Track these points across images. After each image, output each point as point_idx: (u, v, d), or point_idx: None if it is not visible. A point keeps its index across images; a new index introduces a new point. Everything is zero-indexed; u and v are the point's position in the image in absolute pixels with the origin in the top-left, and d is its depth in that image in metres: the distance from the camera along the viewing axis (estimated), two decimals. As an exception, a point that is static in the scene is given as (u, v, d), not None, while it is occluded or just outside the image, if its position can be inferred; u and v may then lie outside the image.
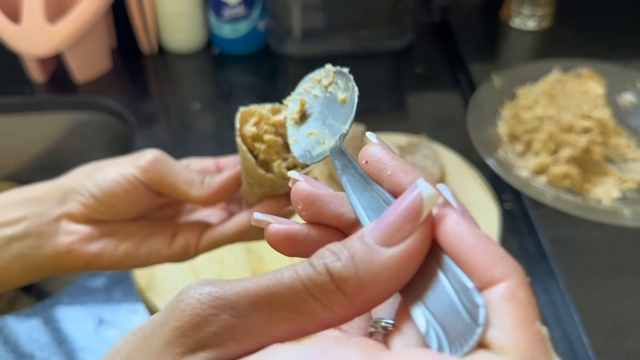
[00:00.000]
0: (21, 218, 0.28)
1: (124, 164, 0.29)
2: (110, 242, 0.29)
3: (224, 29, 0.63)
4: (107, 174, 0.28)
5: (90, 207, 0.28)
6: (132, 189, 0.28)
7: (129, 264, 0.29)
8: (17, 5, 0.56)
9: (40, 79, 0.61)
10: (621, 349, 0.36)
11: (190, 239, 0.29)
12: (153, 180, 0.28)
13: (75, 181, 0.29)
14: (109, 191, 0.28)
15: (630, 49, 0.62)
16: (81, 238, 0.28)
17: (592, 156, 0.46)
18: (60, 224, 0.28)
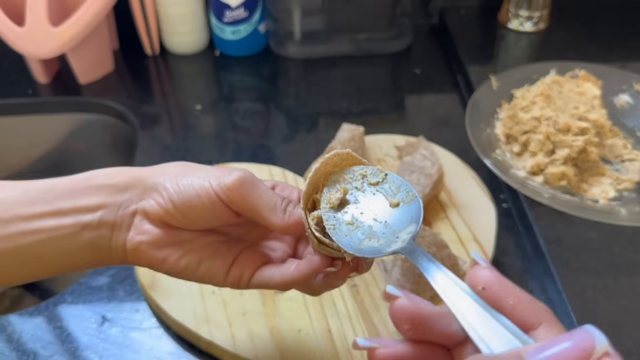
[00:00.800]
0: (98, 206, 0.28)
1: (211, 177, 0.28)
2: (175, 252, 0.28)
3: (225, 31, 0.64)
4: (191, 183, 0.28)
5: (166, 211, 0.27)
6: (211, 206, 0.27)
7: (186, 276, 0.29)
8: (20, 8, 0.57)
9: (43, 80, 0.62)
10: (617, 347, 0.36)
11: (245, 273, 0.29)
12: (235, 202, 0.27)
13: (159, 179, 0.28)
14: (188, 202, 0.27)
15: (627, 51, 0.63)
16: (149, 240, 0.28)
17: (588, 157, 0.47)
18: (134, 219, 0.28)
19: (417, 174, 0.45)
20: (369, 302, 0.39)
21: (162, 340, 0.39)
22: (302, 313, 0.39)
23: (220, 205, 0.27)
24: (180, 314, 0.38)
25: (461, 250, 0.42)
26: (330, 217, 0.25)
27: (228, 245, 0.30)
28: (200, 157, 0.53)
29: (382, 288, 0.40)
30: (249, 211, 0.28)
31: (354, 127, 0.49)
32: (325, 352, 0.37)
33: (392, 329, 0.38)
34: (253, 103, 0.61)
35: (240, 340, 0.37)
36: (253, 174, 0.28)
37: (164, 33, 0.65)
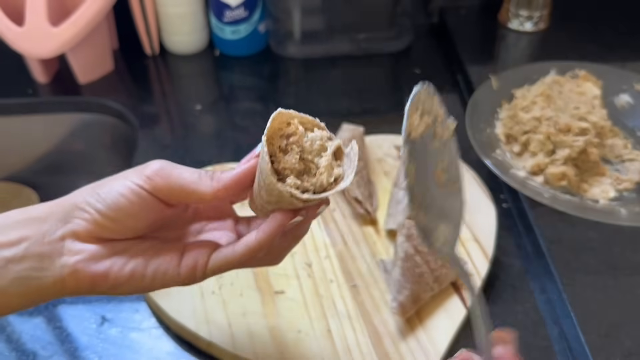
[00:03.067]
0: (21, 239, 0.26)
1: (128, 176, 0.28)
2: (117, 261, 0.27)
3: (225, 31, 0.64)
4: (111, 188, 0.27)
5: (96, 223, 0.27)
6: (138, 200, 0.27)
7: (135, 285, 0.27)
8: (20, 7, 0.57)
9: (43, 80, 0.62)
10: (617, 347, 0.36)
11: (199, 259, 0.28)
12: (159, 187, 0.27)
13: (78, 199, 0.27)
14: (115, 205, 0.27)
15: (627, 51, 0.63)
16: (87, 257, 0.27)
17: (589, 157, 0.47)
18: (64, 243, 0.27)
19: (417, 174, 0.45)
20: (369, 303, 0.39)
21: (162, 340, 0.39)
22: (302, 313, 0.39)
23: (148, 198, 0.27)
24: (180, 314, 0.38)
25: (461, 251, 0.42)
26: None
27: (169, 244, 0.29)
28: (200, 157, 0.53)
29: (383, 288, 0.40)
30: (176, 192, 0.27)
31: (354, 127, 0.49)
32: (325, 352, 0.37)
33: (392, 329, 0.38)
34: (253, 103, 0.61)
35: (240, 340, 0.37)
36: (167, 161, 0.28)
37: (164, 33, 0.65)
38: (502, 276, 0.42)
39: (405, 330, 0.38)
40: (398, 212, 0.44)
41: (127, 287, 0.27)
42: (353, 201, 0.45)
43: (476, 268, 0.41)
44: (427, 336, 0.37)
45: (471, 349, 0.30)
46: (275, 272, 0.41)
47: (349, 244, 0.43)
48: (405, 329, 0.38)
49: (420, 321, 0.38)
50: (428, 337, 0.37)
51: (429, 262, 0.39)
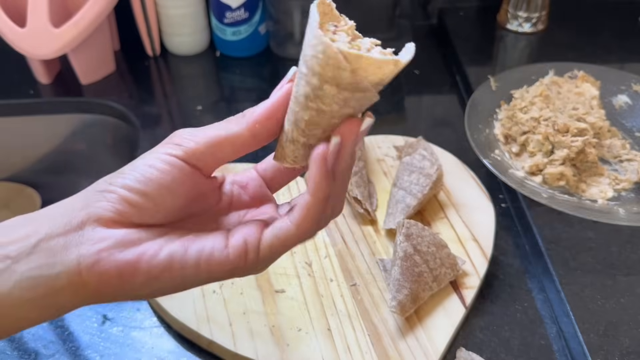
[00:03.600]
0: (28, 235, 0.21)
1: (156, 149, 0.23)
2: (151, 246, 0.21)
3: (225, 32, 0.64)
4: (136, 165, 0.22)
5: (125, 202, 0.21)
6: (170, 168, 0.22)
7: (174, 276, 0.21)
8: (22, 9, 0.57)
9: (45, 81, 0.62)
10: (616, 346, 0.37)
11: (249, 237, 0.22)
12: (191, 150, 0.22)
13: (99, 185, 0.23)
14: (144, 177, 0.22)
15: (625, 51, 0.63)
16: (113, 244, 0.21)
17: (587, 157, 0.47)
18: (84, 232, 0.21)
19: (417, 174, 0.45)
20: (369, 302, 0.40)
21: (163, 339, 0.39)
22: (302, 312, 0.39)
23: (180, 166, 0.22)
24: (181, 313, 0.39)
25: (460, 250, 0.43)
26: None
27: (211, 225, 0.24)
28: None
29: (382, 287, 0.41)
30: (210, 148, 0.22)
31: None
32: (324, 350, 0.37)
33: (391, 328, 0.38)
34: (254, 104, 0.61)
35: (241, 339, 0.37)
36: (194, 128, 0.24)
37: (165, 34, 0.66)
38: (501, 275, 0.43)
39: (404, 329, 0.38)
40: (397, 212, 0.44)
41: (165, 280, 0.21)
42: (353, 201, 0.45)
43: (475, 267, 0.41)
44: (426, 335, 0.38)
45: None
46: (275, 271, 0.41)
47: (349, 244, 0.44)
48: (404, 328, 0.38)
49: (420, 320, 0.38)
50: (427, 336, 0.38)
51: (428, 262, 0.39)
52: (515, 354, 0.38)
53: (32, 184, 0.63)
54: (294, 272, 0.41)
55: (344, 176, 0.23)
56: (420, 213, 0.45)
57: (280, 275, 0.41)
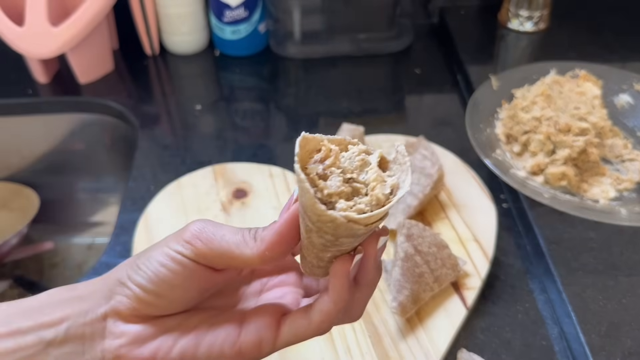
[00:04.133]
0: (62, 319, 0.23)
1: (168, 242, 0.24)
2: (165, 341, 0.24)
3: (225, 31, 0.64)
4: (150, 259, 0.24)
5: (138, 300, 0.23)
6: (181, 269, 0.23)
7: None
8: (20, 8, 0.57)
9: (43, 80, 0.62)
10: (617, 347, 0.36)
11: (264, 334, 0.24)
12: (202, 252, 0.23)
13: (120, 273, 0.24)
14: (156, 277, 0.23)
15: (627, 50, 0.63)
16: (131, 340, 0.23)
17: (589, 157, 0.47)
18: (106, 324, 0.24)
19: (417, 174, 0.45)
20: (369, 303, 0.39)
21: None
22: (302, 313, 0.39)
23: (190, 266, 0.23)
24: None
25: (461, 251, 0.42)
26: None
27: (226, 315, 0.25)
28: (200, 157, 0.53)
29: (383, 288, 0.40)
30: (220, 256, 0.23)
31: (354, 127, 0.49)
32: (325, 351, 0.37)
33: (392, 329, 0.38)
34: (253, 103, 0.61)
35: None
36: (210, 219, 0.25)
37: (164, 33, 0.65)
38: (502, 276, 0.42)
39: (405, 330, 0.38)
40: (398, 212, 0.44)
41: None
42: (353, 201, 0.45)
43: (476, 268, 0.41)
44: (427, 336, 0.37)
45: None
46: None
47: (349, 244, 0.43)
48: (405, 329, 0.38)
49: (420, 321, 0.38)
50: (428, 337, 0.37)
51: (429, 262, 0.39)
52: (517, 355, 0.37)
53: (31, 183, 0.63)
54: (293, 273, 0.41)
55: (368, 287, 0.24)
56: (421, 213, 0.45)
57: (280, 276, 0.41)
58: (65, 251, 0.62)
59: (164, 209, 0.46)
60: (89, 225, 0.65)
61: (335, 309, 0.23)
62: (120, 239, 0.46)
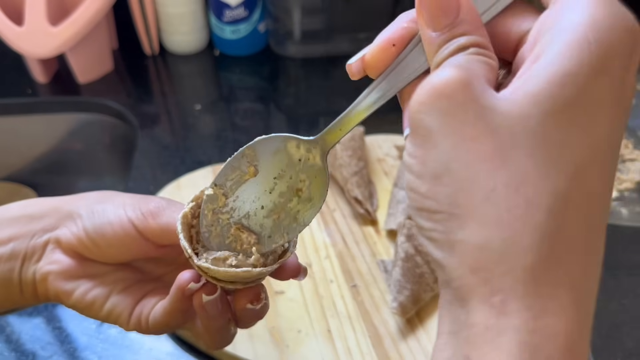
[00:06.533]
0: (10, 238, 0.26)
1: (127, 204, 0.26)
2: (83, 285, 0.26)
3: (224, 31, 0.64)
4: (104, 210, 0.26)
5: (79, 239, 0.26)
6: (123, 234, 0.26)
7: (93, 314, 0.27)
8: (19, 7, 0.56)
9: (42, 80, 0.62)
10: (618, 347, 0.36)
11: (144, 311, 0.26)
12: (151, 227, 0.25)
13: (75, 205, 0.27)
14: (100, 230, 0.26)
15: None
16: (59, 270, 0.26)
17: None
18: (46, 248, 0.27)
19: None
20: (369, 303, 0.39)
21: (161, 340, 0.39)
22: (302, 313, 0.38)
23: (133, 235, 0.26)
24: (180, 314, 0.38)
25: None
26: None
27: (140, 284, 0.28)
28: (200, 157, 0.53)
29: (383, 289, 0.40)
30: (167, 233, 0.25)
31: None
32: (325, 352, 0.36)
33: (392, 329, 0.38)
34: (253, 103, 0.61)
35: (240, 341, 0.37)
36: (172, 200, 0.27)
37: (163, 32, 0.65)
38: (503, 276, 0.42)
39: (405, 331, 0.38)
40: (398, 212, 0.43)
41: (85, 312, 0.27)
42: (353, 201, 0.45)
43: (476, 268, 0.41)
44: (427, 336, 0.37)
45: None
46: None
47: (349, 244, 0.43)
48: (405, 330, 0.38)
49: (421, 321, 0.38)
50: (428, 338, 0.37)
51: (430, 263, 0.39)
52: (518, 355, 0.37)
53: (30, 183, 0.63)
54: (293, 273, 0.41)
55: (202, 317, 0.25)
56: (421, 213, 0.45)
57: (280, 276, 0.41)
58: (65, 251, 0.62)
59: (164, 209, 0.46)
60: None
61: (171, 308, 0.25)
62: (119, 239, 0.45)
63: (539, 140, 0.15)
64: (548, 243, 0.15)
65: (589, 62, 0.15)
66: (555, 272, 0.16)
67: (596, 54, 0.15)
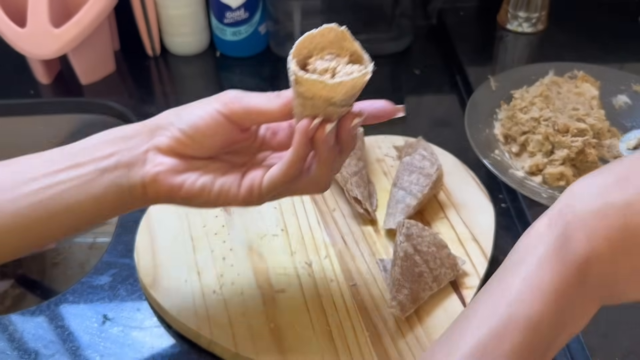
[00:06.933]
0: (112, 154, 0.30)
1: (209, 102, 0.31)
2: (191, 176, 0.31)
3: (225, 32, 0.64)
4: (192, 111, 0.31)
5: (176, 140, 0.31)
6: (214, 123, 0.31)
7: (204, 199, 0.31)
8: (22, 9, 0.57)
9: (45, 81, 0.62)
10: (616, 347, 0.37)
11: (255, 180, 0.31)
12: (235, 110, 0.31)
13: (161, 120, 0.32)
14: (194, 125, 0.31)
15: (625, 52, 0.63)
16: (166, 169, 0.30)
17: (587, 157, 0.47)
18: (147, 155, 0.31)
19: (417, 174, 0.45)
20: (369, 301, 0.40)
21: (163, 339, 0.39)
22: (303, 312, 0.39)
23: (222, 121, 0.31)
24: (181, 313, 0.39)
25: (460, 250, 0.43)
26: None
27: (236, 168, 0.33)
28: (200, 158, 0.54)
29: (382, 288, 0.41)
30: (248, 112, 0.31)
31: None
32: (324, 350, 0.37)
33: (391, 328, 0.38)
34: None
35: (241, 339, 0.37)
36: (243, 91, 0.32)
37: (165, 34, 0.66)
38: (501, 275, 0.43)
39: (404, 329, 0.38)
40: (397, 212, 0.44)
41: (197, 200, 0.31)
42: (353, 201, 0.45)
43: (475, 267, 0.42)
44: (426, 335, 0.38)
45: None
46: (275, 271, 0.41)
47: (349, 244, 0.44)
48: (404, 328, 0.38)
49: (420, 320, 0.38)
50: (427, 336, 0.38)
51: (428, 262, 0.39)
52: (515, 354, 0.38)
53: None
54: (294, 273, 0.41)
55: (323, 151, 0.30)
56: (420, 213, 0.46)
57: (280, 275, 0.41)
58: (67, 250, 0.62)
59: (165, 208, 0.46)
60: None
61: (295, 157, 0.30)
62: (121, 238, 0.46)
63: None
64: None
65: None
66: None
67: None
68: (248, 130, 0.33)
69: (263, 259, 0.42)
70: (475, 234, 0.44)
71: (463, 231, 0.44)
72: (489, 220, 0.45)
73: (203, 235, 0.44)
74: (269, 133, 0.34)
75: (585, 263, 0.21)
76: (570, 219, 0.22)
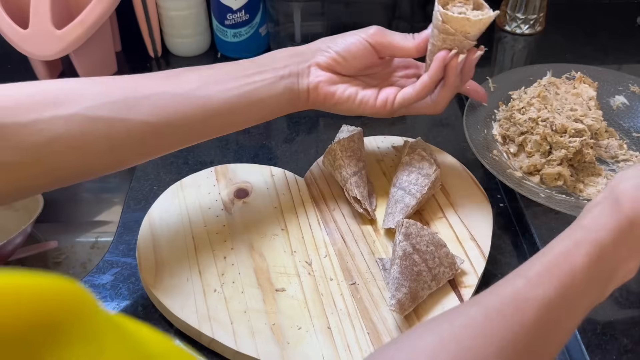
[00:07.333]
0: (287, 65, 0.41)
1: (357, 33, 0.42)
2: (341, 87, 0.42)
3: (226, 34, 0.65)
4: (345, 40, 0.42)
5: (332, 59, 0.41)
6: (362, 48, 0.41)
7: (348, 106, 0.42)
8: (24, 10, 0.57)
9: (47, 82, 0.63)
10: (613, 345, 0.37)
11: (389, 95, 0.42)
12: (379, 41, 0.41)
13: (322, 44, 0.42)
14: (347, 48, 0.41)
15: (622, 53, 0.63)
16: (324, 79, 0.41)
17: (584, 157, 0.47)
18: (311, 69, 0.41)
19: (415, 174, 0.46)
20: (368, 300, 0.40)
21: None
22: (303, 310, 0.39)
23: (368, 48, 0.41)
24: (183, 311, 0.39)
25: (459, 249, 0.43)
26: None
27: (372, 86, 0.43)
28: (202, 158, 0.54)
29: (381, 286, 0.41)
30: (389, 45, 0.42)
31: (353, 127, 0.50)
32: (324, 348, 0.37)
33: (390, 326, 0.39)
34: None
35: (242, 338, 0.38)
36: (380, 27, 0.43)
37: (166, 35, 0.66)
38: (499, 274, 0.43)
39: (403, 328, 0.38)
40: (396, 212, 0.44)
41: (344, 105, 0.42)
42: (353, 200, 0.46)
43: (473, 266, 0.42)
44: (425, 333, 0.38)
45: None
46: (275, 270, 0.42)
47: (349, 243, 0.44)
48: (403, 327, 0.38)
49: (419, 318, 0.39)
50: (426, 334, 0.38)
51: (427, 261, 0.39)
52: (513, 351, 0.38)
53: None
54: (294, 271, 0.42)
55: (450, 77, 0.41)
56: (419, 213, 0.46)
57: (280, 274, 0.42)
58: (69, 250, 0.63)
59: (167, 208, 0.46)
60: (93, 225, 0.66)
61: (429, 80, 0.41)
62: (123, 238, 0.46)
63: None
64: None
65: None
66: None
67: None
68: (384, 60, 0.43)
69: (263, 258, 0.43)
70: (473, 233, 0.44)
71: (461, 231, 0.44)
72: (487, 220, 0.45)
73: (204, 235, 0.44)
74: (401, 65, 0.45)
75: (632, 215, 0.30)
76: (618, 192, 0.31)
